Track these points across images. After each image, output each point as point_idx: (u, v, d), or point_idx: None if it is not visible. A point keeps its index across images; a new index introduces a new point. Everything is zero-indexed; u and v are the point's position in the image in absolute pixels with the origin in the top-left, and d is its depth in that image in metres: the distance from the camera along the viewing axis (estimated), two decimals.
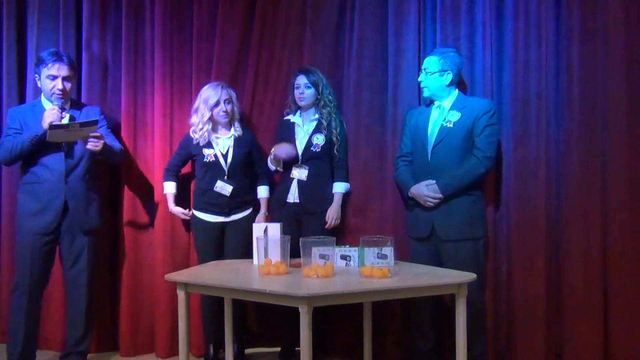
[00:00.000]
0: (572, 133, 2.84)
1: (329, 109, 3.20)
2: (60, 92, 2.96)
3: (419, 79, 2.95)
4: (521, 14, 2.92)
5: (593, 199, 2.79)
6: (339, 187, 3.21)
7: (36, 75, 3.04)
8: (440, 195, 2.83)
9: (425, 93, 2.95)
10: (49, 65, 2.95)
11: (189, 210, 3.24)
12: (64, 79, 2.97)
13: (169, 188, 3.26)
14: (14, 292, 2.99)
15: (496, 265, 3.01)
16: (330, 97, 3.20)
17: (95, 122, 2.89)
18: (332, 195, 3.21)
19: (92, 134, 2.86)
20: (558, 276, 2.87)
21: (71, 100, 3.12)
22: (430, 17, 3.17)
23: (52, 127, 2.80)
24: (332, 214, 3.17)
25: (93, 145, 2.88)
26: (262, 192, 3.30)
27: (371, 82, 3.26)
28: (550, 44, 2.88)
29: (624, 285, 2.71)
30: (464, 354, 2.40)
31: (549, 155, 2.88)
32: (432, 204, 2.85)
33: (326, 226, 3.15)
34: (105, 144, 2.93)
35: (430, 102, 3.00)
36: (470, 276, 2.44)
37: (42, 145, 2.90)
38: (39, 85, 3.05)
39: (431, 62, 2.89)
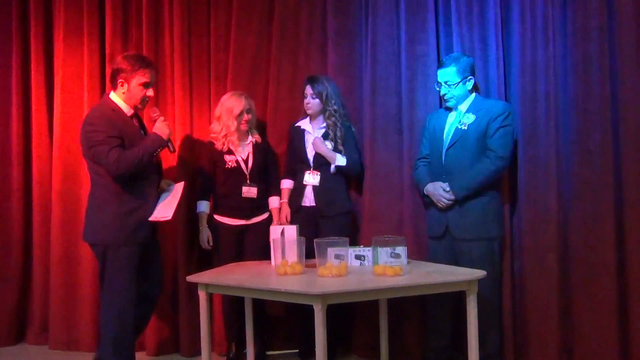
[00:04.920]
0: (581, 132, 2.87)
1: (334, 119, 3.23)
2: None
3: (442, 92, 2.95)
4: (527, 16, 2.96)
5: (604, 196, 2.81)
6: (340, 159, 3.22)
7: (120, 80, 2.84)
8: (452, 197, 2.87)
9: (451, 103, 2.96)
10: (144, 71, 2.84)
11: (210, 245, 3.29)
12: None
13: (201, 207, 3.30)
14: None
15: (511, 263, 3.04)
16: (335, 107, 3.23)
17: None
18: (347, 200, 3.29)
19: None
20: (569, 273, 2.89)
21: None
22: (445, 22, 3.23)
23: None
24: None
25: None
26: (274, 202, 3.35)
27: (385, 85, 3.31)
28: (558, 45, 2.92)
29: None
30: (476, 349, 2.46)
31: (559, 154, 2.91)
32: (444, 205, 2.91)
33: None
34: None
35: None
36: (479, 273, 2.50)
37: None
38: (120, 91, 2.86)
39: (450, 74, 2.89)
